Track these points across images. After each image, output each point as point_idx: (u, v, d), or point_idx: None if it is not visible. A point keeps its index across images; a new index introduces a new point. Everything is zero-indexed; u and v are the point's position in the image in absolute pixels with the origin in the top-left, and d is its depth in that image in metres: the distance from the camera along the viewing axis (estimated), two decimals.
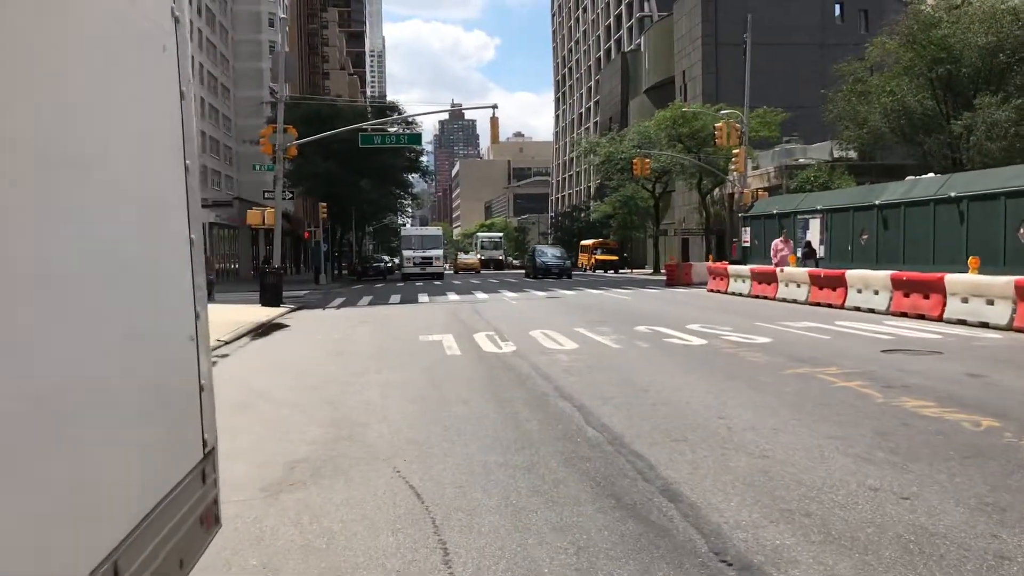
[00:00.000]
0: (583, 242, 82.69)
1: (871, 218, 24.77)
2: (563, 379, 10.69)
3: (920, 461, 6.35)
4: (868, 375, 10.41)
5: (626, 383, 10.29)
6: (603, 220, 77.03)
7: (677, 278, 37.58)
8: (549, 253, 56.16)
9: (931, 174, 29.42)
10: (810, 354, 12.48)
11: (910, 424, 7.68)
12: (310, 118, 46.92)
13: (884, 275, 19.38)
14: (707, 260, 43.24)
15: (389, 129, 41.84)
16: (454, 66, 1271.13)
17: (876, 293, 19.63)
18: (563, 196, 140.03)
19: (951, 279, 16.96)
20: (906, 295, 18.45)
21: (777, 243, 27.18)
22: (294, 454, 7.23)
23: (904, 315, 18.26)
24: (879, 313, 19.18)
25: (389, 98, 68.50)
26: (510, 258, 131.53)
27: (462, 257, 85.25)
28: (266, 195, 38.31)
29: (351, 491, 6.06)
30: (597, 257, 73.17)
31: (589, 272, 71.71)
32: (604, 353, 13.17)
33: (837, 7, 72.24)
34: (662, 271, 65.23)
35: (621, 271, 71.17)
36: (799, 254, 27.28)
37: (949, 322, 16.70)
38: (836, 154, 50.82)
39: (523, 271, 71.31)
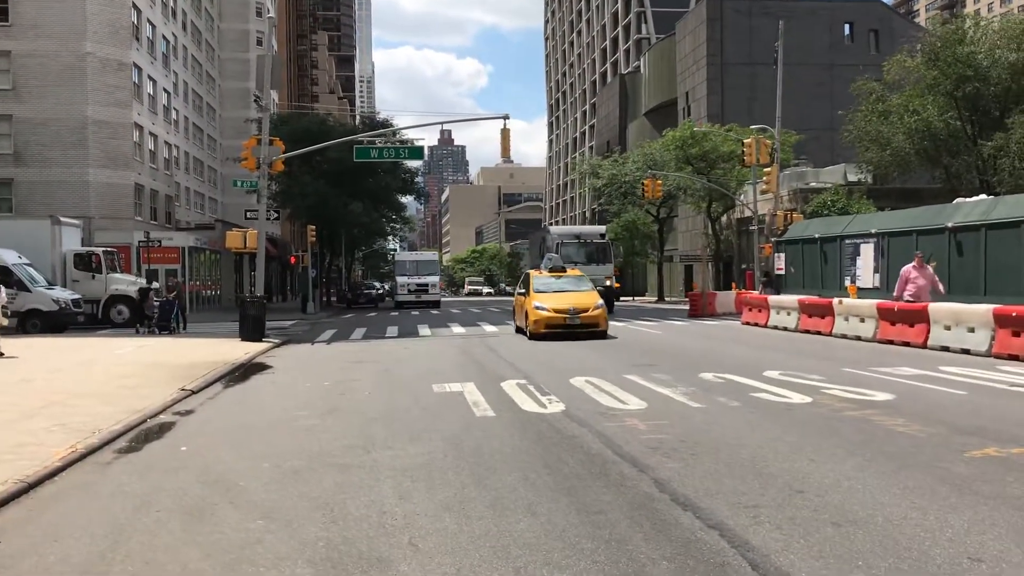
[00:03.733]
0: None
1: (941, 243, 21.72)
2: (658, 464, 7.48)
3: None
4: None
5: (756, 475, 7.08)
6: None
7: (701, 309, 34.41)
8: None
9: (983, 196, 26.62)
10: (969, 421, 9.29)
11: None
12: (298, 136, 43.86)
13: (984, 309, 16.27)
14: (731, 288, 40.29)
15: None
16: (446, 93, 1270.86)
17: (971, 331, 16.50)
18: (557, 221, 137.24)
19: None
20: (1015, 334, 15.33)
21: (909, 270, 19.71)
22: None
23: (1015, 358, 15.14)
24: (978, 355, 16.04)
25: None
26: (503, 285, 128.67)
27: (554, 287, 23.68)
28: (248, 215, 35.13)
29: None
30: None
31: None
32: (687, 416, 9.96)
33: (847, 27, 69.85)
34: (668, 299, 62.26)
35: (623, 299, 68.11)
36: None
37: None
38: (852, 177, 48.09)
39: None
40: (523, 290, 24.85)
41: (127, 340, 23.69)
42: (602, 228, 44.22)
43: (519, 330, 24.80)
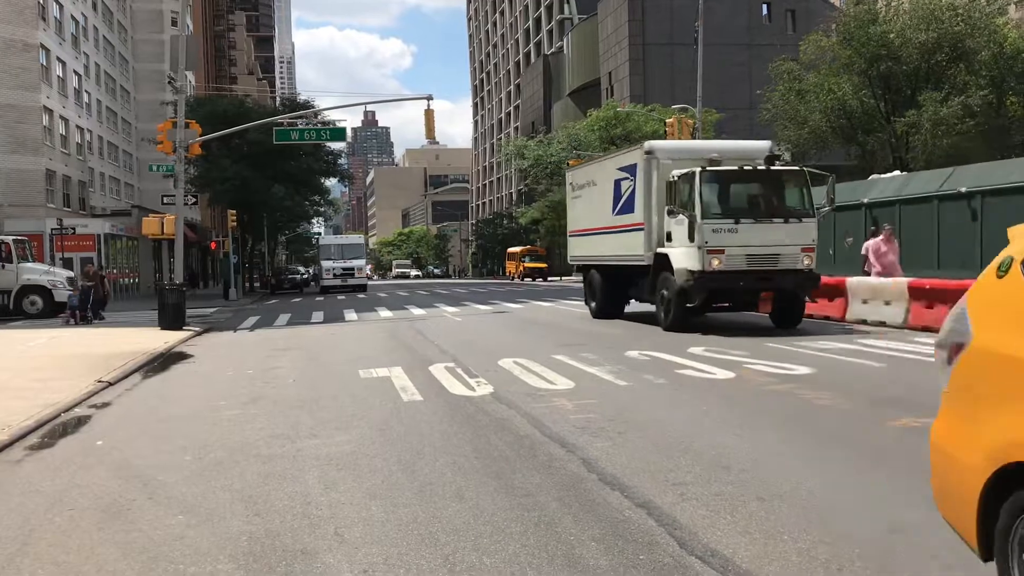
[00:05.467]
0: (510, 249, 79.87)
1: (857, 218, 22.26)
2: (586, 444, 7.49)
3: None
4: None
5: (682, 452, 7.14)
6: (530, 226, 74.22)
7: None
8: None
9: (896, 172, 27.37)
10: (887, 392, 9.54)
11: None
12: (216, 118, 42.76)
13: (900, 283, 16.72)
14: None
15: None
16: (370, 74, 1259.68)
17: (887, 304, 16.96)
18: (484, 203, 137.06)
19: None
20: (928, 307, 15.81)
21: (878, 244, 18.09)
22: None
23: (928, 329, 15.59)
24: (893, 327, 16.52)
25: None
26: (430, 268, 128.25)
27: None
28: (165, 200, 34.23)
29: None
30: (526, 265, 70.42)
31: (518, 280, 68.91)
32: (614, 396, 10.01)
33: (764, 7, 71.00)
34: None
35: (551, 279, 68.51)
36: None
37: None
38: None
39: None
40: None
41: (41, 331, 22.87)
42: (765, 143, 20.14)
43: None
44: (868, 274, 18.21)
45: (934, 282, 15.98)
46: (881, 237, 18.37)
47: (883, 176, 24.97)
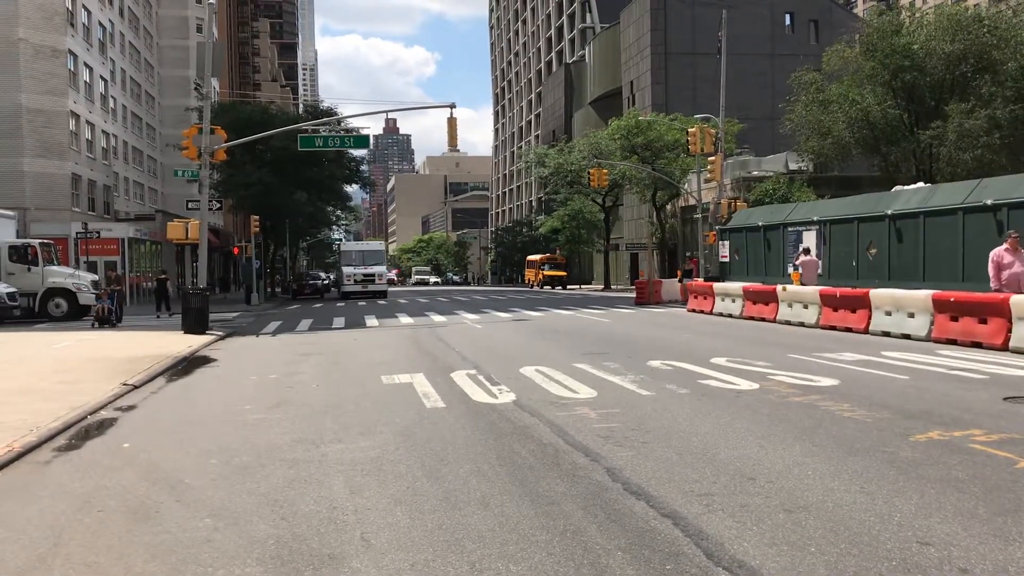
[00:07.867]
0: (530, 257, 79.86)
1: (881, 230, 22.12)
2: (610, 453, 7.48)
3: None
4: None
5: (707, 462, 7.12)
6: (550, 235, 74.18)
7: (648, 296, 34.72)
8: None
9: (920, 184, 27.17)
10: (912, 405, 9.46)
11: None
12: (240, 125, 43.08)
13: (923, 295, 16.60)
14: (676, 277, 40.65)
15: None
16: (393, 81, 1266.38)
17: (911, 316, 16.85)
18: (503, 211, 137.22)
19: (1019, 300, 14.20)
20: (953, 319, 15.68)
21: (1001, 253, 15.90)
22: None
23: (953, 342, 15.49)
24: (918, 340, 16.40)
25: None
26: (450, 275, 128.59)
27: None
28: (189, 205, 34.51)
29: None
30: (545, 272, 70.34)
31: (537, 288, 68.91)
32: (637, 405, 9.99)
33: (787, 17, 70.75)
34: (614, 287, 62.67)
35: (570, 287, 68.47)
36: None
37: (1018, 352, 13.95)
38: (793, 166, 48.84)
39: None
40: None
41: (66, 334, 23.09)
42: None
43: None
44: (999, 289, 15.68)
45: (959, 295, 15.86)
46: (1005, 246, 16.01)
47: (907, 187, 24.81)
